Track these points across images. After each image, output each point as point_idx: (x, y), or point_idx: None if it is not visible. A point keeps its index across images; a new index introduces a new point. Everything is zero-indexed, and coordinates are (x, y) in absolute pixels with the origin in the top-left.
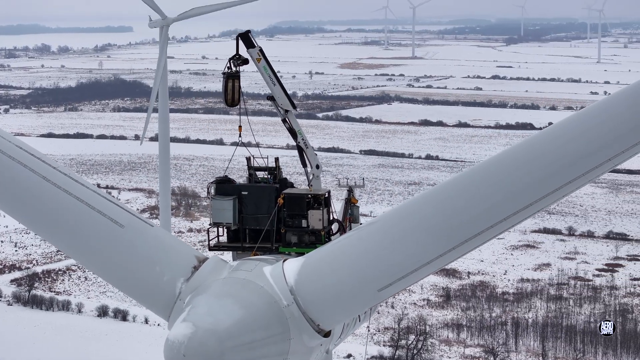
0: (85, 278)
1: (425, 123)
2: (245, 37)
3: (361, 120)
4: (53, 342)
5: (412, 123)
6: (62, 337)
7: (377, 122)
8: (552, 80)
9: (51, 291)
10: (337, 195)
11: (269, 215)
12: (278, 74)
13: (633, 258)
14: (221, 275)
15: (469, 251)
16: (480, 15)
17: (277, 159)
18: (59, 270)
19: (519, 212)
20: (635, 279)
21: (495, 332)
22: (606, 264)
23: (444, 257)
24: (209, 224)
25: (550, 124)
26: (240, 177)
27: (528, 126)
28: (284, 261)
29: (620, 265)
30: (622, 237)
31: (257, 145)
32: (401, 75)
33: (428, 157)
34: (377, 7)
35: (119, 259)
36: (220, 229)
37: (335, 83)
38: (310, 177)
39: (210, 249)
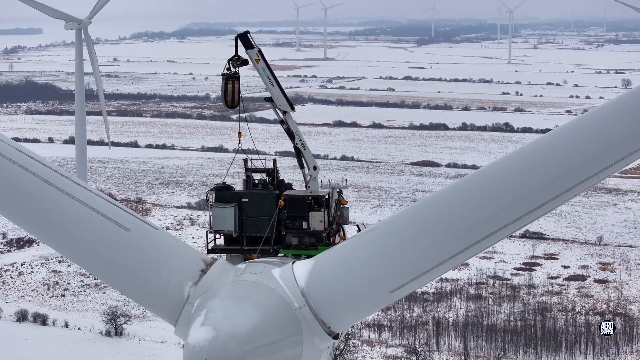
0: (3, 283)
1: (340, 124)
2: (244, 38)
3: (275, 121)
4: None
5: (326, 124)
6: None
7: None
8: (464, 80)
9: None
10: None
11: (270, 221)
12: (190, 76)
13: (550, 257)
14: (229, 278)
15: (481, 251)
16: (391, 17)
17: (274, 161)
18: None
19: (532, 212)
20: (552, 278)
21: (417, 331)
22: (523, 263)
23: (456, 258)
24: (209, 230)
25: (464, 124)
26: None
27: (442, 127)
28: (293, 263)
29: (538, 264)
30: (539, 237)
31: (257, 152)
32: (314, 76)
33: (343, 158)
34: (288, 8)
35: (126, 263)
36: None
37: (248, 84)
38: (308, 179)
39: (209, 251)
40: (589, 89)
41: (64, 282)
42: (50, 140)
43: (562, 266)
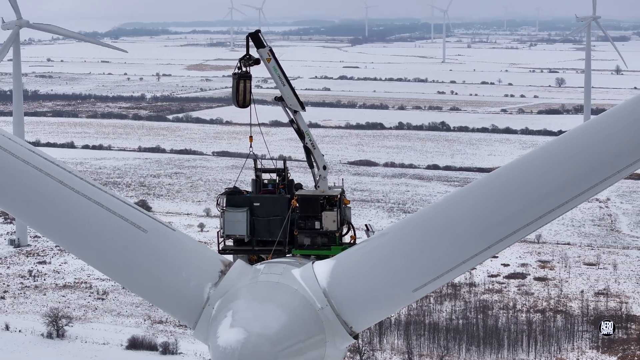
0: None
1: (276, 124)
2: (255, 37)
3: (212, 121)
4: None
5: (263, 124)
6: None
7: (228, 123)
8: (399, 80)
9: None
10: None
11: (282, 225)
12: (124, 76)
13: None
14: (249, 280)
15: (504, 249)
16: (324, 16)
17: (285, 161)
18: None
19: (554, 210)
20: (492, 276)
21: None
22: None
23: (479, 256)
24: (221, 234)
25: (400, 123)
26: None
27: (378, 126)
28: (313, 263)
29: None
30: None
31: (272, 158)
32: None
33: (281, 157)
34: (222, 8)
35: (144, 265)
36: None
37: (183, 85)
38: (317, 178)
39: (220, 252)
40: (523, 88)
41: (3, 284)
42: None
43: (501, 264)
